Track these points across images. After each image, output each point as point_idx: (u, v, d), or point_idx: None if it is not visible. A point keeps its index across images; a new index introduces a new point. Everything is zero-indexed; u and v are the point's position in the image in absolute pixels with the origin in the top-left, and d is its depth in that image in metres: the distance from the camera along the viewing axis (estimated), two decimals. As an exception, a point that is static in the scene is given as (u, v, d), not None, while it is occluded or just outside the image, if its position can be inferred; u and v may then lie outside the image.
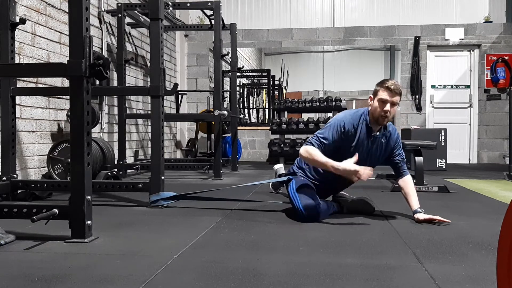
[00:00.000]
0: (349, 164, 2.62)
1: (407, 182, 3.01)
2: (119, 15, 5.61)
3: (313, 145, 2.80)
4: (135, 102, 6.57)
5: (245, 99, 10.42)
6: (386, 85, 2.79)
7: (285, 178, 3.14)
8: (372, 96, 2.87)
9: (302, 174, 3.08)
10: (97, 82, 4.40)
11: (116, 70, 5.74)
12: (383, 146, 2.98)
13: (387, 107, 2.79)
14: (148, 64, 4.43)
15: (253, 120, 10.59)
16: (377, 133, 2.92)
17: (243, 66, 9.17)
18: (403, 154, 3.07)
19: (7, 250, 2.12)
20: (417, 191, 4.15)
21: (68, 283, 1.66)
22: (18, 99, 3.71)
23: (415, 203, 2.92)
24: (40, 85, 4.21)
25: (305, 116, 8.33)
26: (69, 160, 2.36)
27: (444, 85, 8.74)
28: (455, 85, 8.71)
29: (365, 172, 2.59)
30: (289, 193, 2.95)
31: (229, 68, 7.09)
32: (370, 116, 2.89)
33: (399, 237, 2.42)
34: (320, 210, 2.82)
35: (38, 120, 4.19)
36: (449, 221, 2.81)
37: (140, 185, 3.49)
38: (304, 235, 2.46)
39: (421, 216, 2.83)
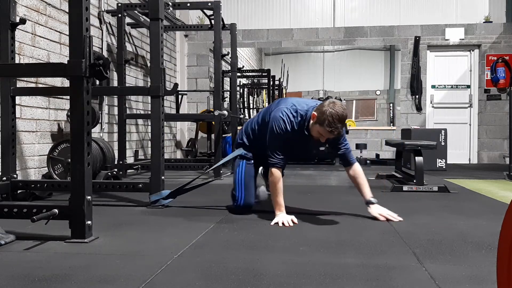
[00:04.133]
0: (283, 218, 2.76)
1: (357, 171, 3.01)
2: (119, 15, 5.61)
3: (280, 166, 2.87)
4: (135, 102, 6.57)
5: (245, 99, 10.41)
6: (331, 129, 2.68)
7: (238, 153, 3.19)
8: (316, 116, 2.73)
9: (247, 144, 3.16)
10: (97, 82, 4.39)
11: (116, 70, 5.74)
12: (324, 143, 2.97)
13: (322, 139, 2.80)
14: (148, 64, 4.43)
15: (253, 120, 10.55)
16: None
17: (243, 66, 9.16)
18: (348, 144, 3.04)
19: (7, 250, 2.12)
20: (417, 191, 4.22)
21: (68, 283, 1.66)
22: (18, 99, 3.71)
23: (367, 192, 2.97)
24: (40, 85, 4.21)
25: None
26: (69, 160, 2.36)
27: (444, 85, 8.73)
28: (455, 85, 8.70)
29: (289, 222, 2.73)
30: (236, 180, 3.09)
31: (229, 68, 7.08)
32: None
33: (399, 237, 2.42)
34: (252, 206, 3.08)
35: (38, 120, 4.19)
36: (401, 219, 2.86)
37: (140, 185, 3.48)
38: (304, 235, 2.46)
39: (375, 210, 2.92)
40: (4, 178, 3.33)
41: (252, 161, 3.14)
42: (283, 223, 2.71)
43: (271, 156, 2.87)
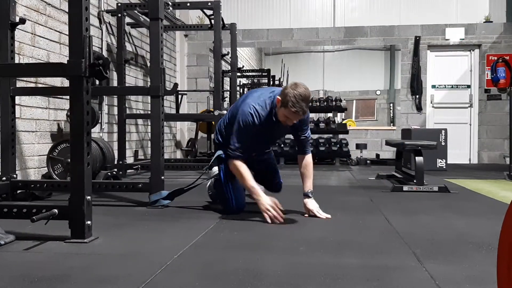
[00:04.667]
0: (265, 202, 2.78)
1: (307, 162, 3.08)
2: (119, 15, 5.61)
3: (238, 157, 2.88)
4: (135, 102, 6.57)
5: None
6: (295, 109, 2.71)
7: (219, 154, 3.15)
8: (280, 99, 2.76)
9: (223, 143, 3.10)
10: (97, 82, 4.39)
11: (116, 70, 5.74)
12: (292, 126, 2.99)
13: (289, 122, 2.83)
14: (148, 64, 4.43)
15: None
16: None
17: (243, 66, 9.16)
18: (309, 133, 3.10)
19: (7, 250, 2.12)
20: (417, 191, 4.22)
21: (68, 283, 1.66)
22: (18, 99, 3.71)
23: (308, 185, 3.04)
24: (40, 85, 4.20)
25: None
26: (69, 160, 2.36)
27: (445, 85, 8.73)
28: (456, 85, 8.70)
29: (273, 216, 2.74)
30: (223, 186, 3.06)
31: (229, 68, 7.09)
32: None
33: (399, 237, 2.42)
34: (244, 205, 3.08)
35: (38, 120, 4.19)
36: (329, 216, 2.92)
37: (140, 185, 3.48)
38: (304, 235, 2.45)
39: (309, 204, 2.98)
40: (4, 178, 3.33)
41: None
42: (274, 216, 2.74)
43: (232, 148, 2.89)
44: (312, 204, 3.00)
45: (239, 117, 2.87)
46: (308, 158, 3.09)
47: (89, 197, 2.26)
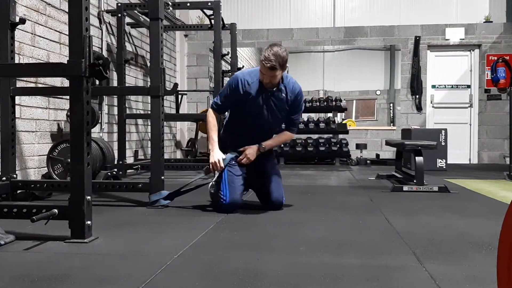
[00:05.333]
0: (215, 156, 3.07)
1: (286, 133, 3.32)
2: (119, 15, 5.61)
3: (213, 108, 3.21)
4: (135, 102, 6.57)
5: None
6: (263, 62, 2.92)
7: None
8: (261, 58, 2.99)
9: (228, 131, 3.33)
10: (97, 82, 4.39)
11: (116, 70, 5.73)
12: (283, 101, 3.12)
13: (266, 79, 2.99)
14: (148, 64, 4.43)
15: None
16: (273, 89, 3.08)
17: (243, 66, 9.15)
18: (299, 119, 3.31)
19: (7, 250, 2.12)
20: (417, 191, 4.21)
21: (68, 283, 1.66)
22: (18, 99, 3.71)
23: (268, 141, 3.20)
24: (40, 85, 4.20)
25: (305, 116, 8.33)
26: (69, 160, 2.35)
27: (445, 85, 8.73)
28: (456, 85, 8.70)
29: (215, 167, 3.05)
30: (221, 181, 3.14)
31: (229, 68, 7.08)
32: None
33: (399, 237, 2.42)
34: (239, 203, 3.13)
35: (38, 120, 4.19)
36: (251, 158, 3.10)
37: (140, 185, 3.48)
38: (304, 235, 2.45)
39: (249, 148, 3.12)
40: (4, 178, 3.33)
41: (236, 164, 3.17)
42: (213, 167, 3.05)
43: (213, 102, 3.22)
44: (250, 149, 3.12)
45: (230, 79, 3.15)
46: (288, 133, 3.30)
47: (89, 197, 2.26)
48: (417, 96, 8.58)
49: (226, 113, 3.41)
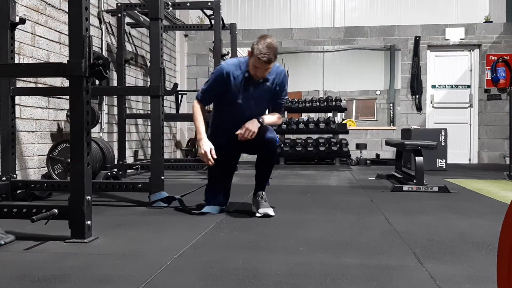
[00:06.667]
0: (204, 146, 2.99)
1: (274, 113, 3.20)
2: (119, 15, 5.61)
3: (198, 99, 3.13)
4: (135, 102, 6.57)
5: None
6: (259, 56, 2.82)
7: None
8: (250, 50, 2.90)
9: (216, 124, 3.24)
10: (97, 82, 4.39)
11: (116, 70, 5.74)
12: (269, 89, 3.06)
13: (260, 72, 2.92)
14: (148, 64, 4.43)
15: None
16: (260, 80, 3.02)
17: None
18: (285, 101, 3.22)
19: (7, 250, 2.12)
20: (417, 191, 4.21)
21: (68, 283, 1.66)
22: (18, 99, 3.71)
23: (264, 116, 3.09)
24: (40, 85, 4.20)
25: (305, 116, 8.33)
26: (69, 160, 2.35)
27: (445, 85, 8.73)
28: (456, 85, 8.70)
29: (205, 158, 2.98)
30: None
31: (229, 68, 7.07)
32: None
33: (399, 237, 2.42)
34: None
35: (38, 120, 4.19)
36: (254, 130, 2.94)
37: (140, 185, 3.48)
38: (304, 235, 2.45)
39: (250, 122, 2.97)
40: (4, 178, 3.33)
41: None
42: (205, 153, 2.96)
43: (199, 92, 3.15)
44: (250, 123, 2.99)
45: (215, 69, 3.08)
46: (278, 114, 3.20)
47: (89, 197, 2.26)
48: (417, 96, 8.58)
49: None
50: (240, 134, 2.97)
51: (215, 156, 2.97)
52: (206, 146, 2.99)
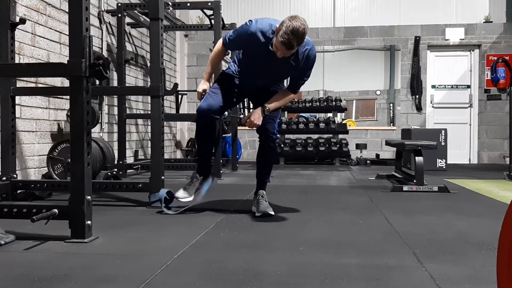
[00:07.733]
0: (200, 86, 3.07)
1: (288, 93, 3.06)
2: (119, 15, 5.61)
3: (223, 43, 3.01)
4: (135, 102, 6.57)
5: (245, 99, 10.41)
6: (282, 40, 2.58)
7: None
8: (277, 27, 2.64)
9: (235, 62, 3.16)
10: (97, 82, 4.39)
11: (116, 70, 5.74)
12: (292, 67, 2.87)
13: (279, 53, 2.69)
14: (148, 64, 4.43)
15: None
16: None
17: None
18: (304, 81, 3.03)
19: (7, 250, 2.12)
20: (417, 191, 4.22)
21: (68, 283, 1.66)
22: (18, 99, 3.71)
23: (271, 102, 2.97)
24: (40, 85, 4.20)
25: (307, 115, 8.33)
26: (69, 160, 2.36)
27: (444, 85, 8.73)
28: (455, 85, 8.70)
29: (199, 96, 3.05)
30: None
31: (229, 68, 7.07)
32: None
33: (399, 237, 2.42)
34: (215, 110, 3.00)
35: (38, 120, 4.19)
36: (259, 123, 2.92)
37: (140, 185, 3.48)
38: (304, 235, 2.46)
39: (254, 112, 2.93)
40: (4, 178, 3.33)
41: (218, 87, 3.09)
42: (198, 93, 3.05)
43: (227, 35, 2.99)
44: (255, 113, 2.92)
45: (243, 25, 2.89)
46: (292, 94, 3.06)
47: (89, 197, 2.26)
48: (417, 96, 8.59)
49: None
50: (244, 120, 3.00)
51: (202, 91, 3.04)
52: (201, 87, 3.08)
